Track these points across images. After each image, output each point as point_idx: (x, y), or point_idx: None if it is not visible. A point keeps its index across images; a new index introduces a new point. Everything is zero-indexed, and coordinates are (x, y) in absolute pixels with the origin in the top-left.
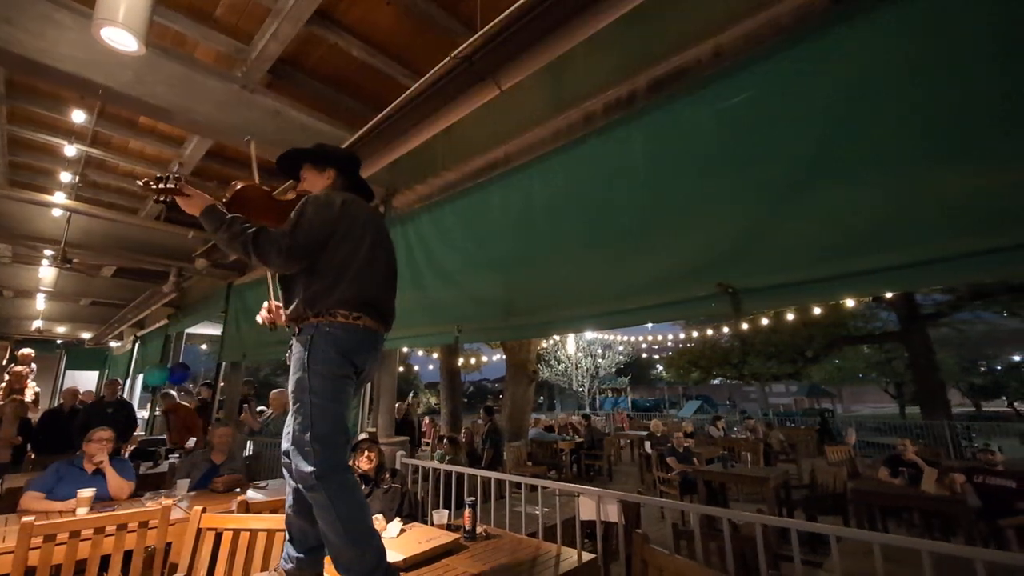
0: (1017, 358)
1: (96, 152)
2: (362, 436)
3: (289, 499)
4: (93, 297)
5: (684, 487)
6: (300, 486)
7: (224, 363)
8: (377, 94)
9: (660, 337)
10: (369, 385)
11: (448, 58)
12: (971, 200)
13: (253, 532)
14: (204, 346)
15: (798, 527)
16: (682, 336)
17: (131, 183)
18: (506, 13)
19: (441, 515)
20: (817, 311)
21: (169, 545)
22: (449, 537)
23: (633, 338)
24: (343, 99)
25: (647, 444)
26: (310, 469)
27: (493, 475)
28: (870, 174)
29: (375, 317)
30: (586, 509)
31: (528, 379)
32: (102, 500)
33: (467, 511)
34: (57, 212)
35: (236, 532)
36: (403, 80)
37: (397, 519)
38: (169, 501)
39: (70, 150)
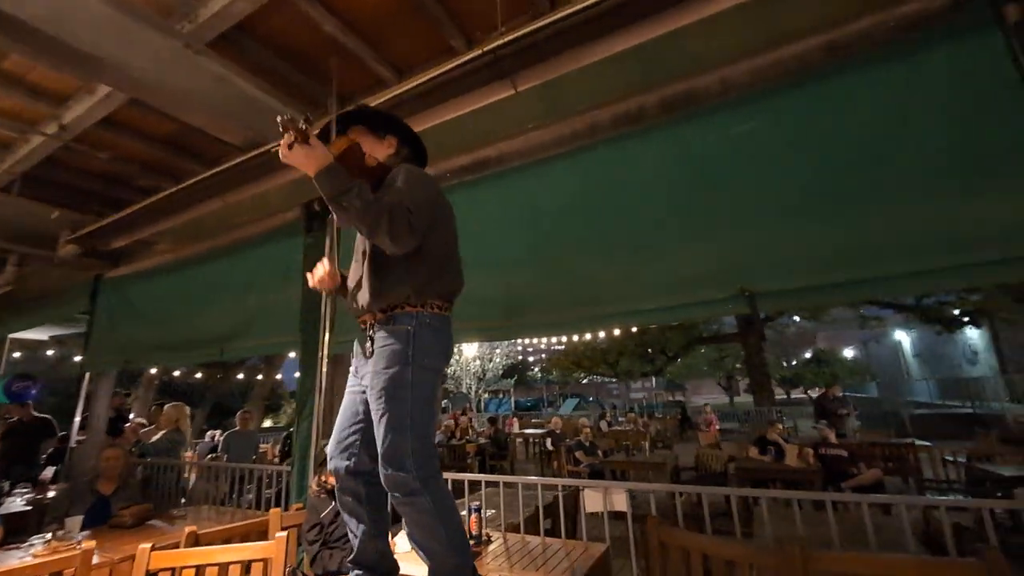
0: (808, 355)
1: None
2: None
3: (363, 525)
4: None
5: (592, 477)
6: (396, 494)
7: (88, 373)
8: (339, 76)
9: (536, 341)
10: (329, 390)
11: (480, 51)
12: (934, 226)
13: (223, 567)
14: (17, 354)
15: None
16: (555, 340)
17: None
18: (558, 16)
19: None
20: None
21: None
22: None
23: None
24: (294, 75)
25: (548, 441)
26: (412, 474)
27: (484, 477)
28: (868, 201)
29: (450, 309)
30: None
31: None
32: None
33: (473, 516)
34: None
35: (200, 569)
36: (372, 65)
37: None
38: (90, 543)
39: None
